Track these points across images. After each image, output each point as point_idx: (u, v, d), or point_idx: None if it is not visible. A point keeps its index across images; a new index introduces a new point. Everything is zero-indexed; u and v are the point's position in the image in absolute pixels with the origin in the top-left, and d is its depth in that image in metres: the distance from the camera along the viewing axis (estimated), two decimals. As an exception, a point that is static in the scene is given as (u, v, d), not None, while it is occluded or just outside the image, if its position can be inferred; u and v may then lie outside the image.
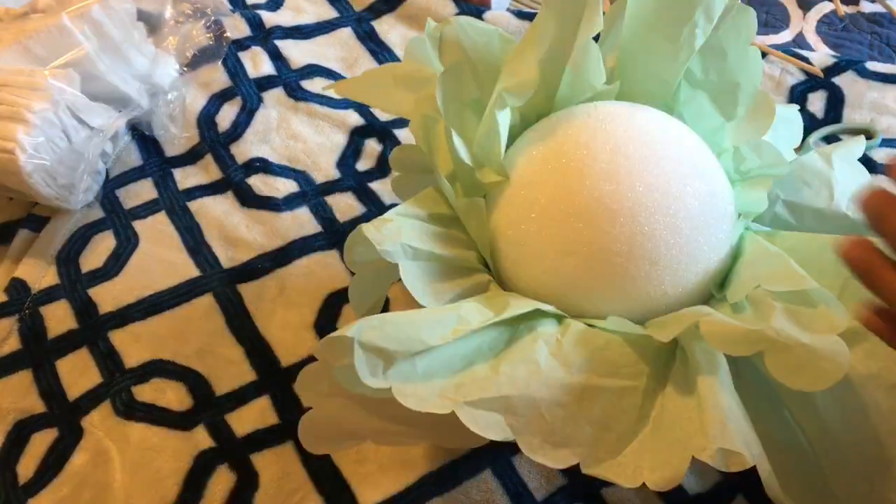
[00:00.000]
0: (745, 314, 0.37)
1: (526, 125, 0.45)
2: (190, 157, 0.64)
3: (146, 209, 0.60)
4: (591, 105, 0.44)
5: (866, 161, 0.60)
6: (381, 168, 0.63)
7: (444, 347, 0.35)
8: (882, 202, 0.27)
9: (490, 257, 0.42)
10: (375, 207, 0.60)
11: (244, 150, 0.64)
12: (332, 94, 0.54)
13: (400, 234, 0.38)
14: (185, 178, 0.62)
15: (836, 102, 0.64)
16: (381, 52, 0.71)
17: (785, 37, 0.73)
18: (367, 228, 0.38)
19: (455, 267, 0.41)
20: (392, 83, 0.46)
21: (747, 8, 0.43)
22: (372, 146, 0.64)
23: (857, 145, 0.48)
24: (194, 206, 0.60)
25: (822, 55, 0.68)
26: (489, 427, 0.33)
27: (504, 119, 0.41)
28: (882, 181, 0.36)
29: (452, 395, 0.34)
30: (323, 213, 0.60)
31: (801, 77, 0.66)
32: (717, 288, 0.41)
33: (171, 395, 0.50)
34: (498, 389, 0.34)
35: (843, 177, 0.45)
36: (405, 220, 0.40)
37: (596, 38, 0.45)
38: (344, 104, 0.67)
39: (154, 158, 0.64)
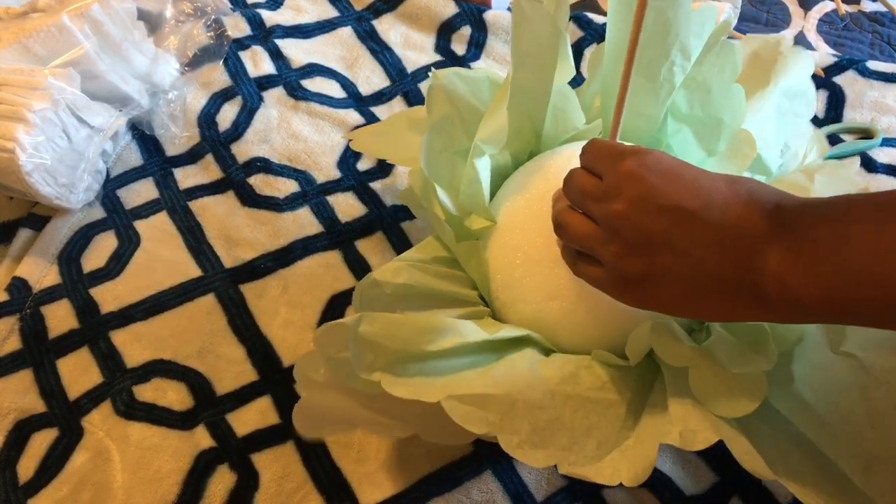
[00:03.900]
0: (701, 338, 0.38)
1: (518, 164, 0.47)
2: (190, 157, 0.64)
3: (147, 209, 0.60)
4: (572, 146, 0.45)
5: (867, 161, 0.60)
6: (382, 168, 0.63)
7: (435, 361, 0.36)
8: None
9: (487, 296, 0.44)
10: (376, 207, 0.60)
11: (245, 149, 0.64)
12: (349, 139, 0.58)
13: (405, 276, 0.40)
14: (186, 177, 0.62)
15: (836, 102, 0.64)
16: (381, 51, 0.71)
17: (786, 36, 0.73)
18: (377, 273, 0.40)
19: (455, 299, 0.42)
20: (406, 127, 0.48)
21: (732, 45, 0.44)
22: (372, 146, 0.64)
23: (846, 167, 0.49)
24: (195, 205, 0.60)
25: (822, 54, 0.68)
26: (472, 421, 0.34)
27: (484, 166, 0.42)
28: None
29: (440, 389, 0.34)
30: (324, 213, 0.60)
31: (801, 76, 0.66)
32: (697, 322, 0.42)
33: (172, 395, 0.50)
34: (483, 388, 0.35)
35: (822, 193, 0.45)
36: (409, 264, 0.42)
37: (583, 81, 0.49)
38: (344, 104, 0.67)
39: (155, 158, 0.63)
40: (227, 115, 0.66)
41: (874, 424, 0.35)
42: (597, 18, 0.72)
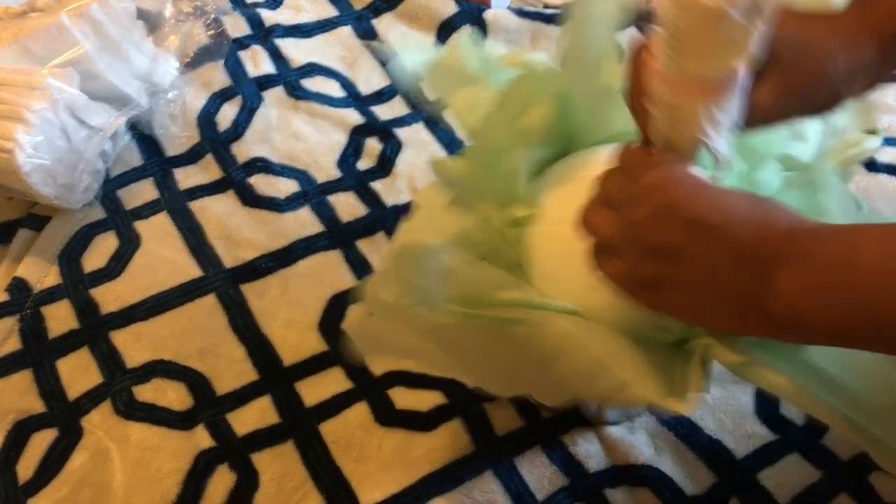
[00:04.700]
0: None
1: (559, 158, 0.46)
2: (190, 157, 0.63)
3: (148, 209, 0.60)
4: (615, 145, 0.45)
5: (867, 160, 0.60)
6: (383, 167, 0.62)
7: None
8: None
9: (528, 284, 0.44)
10: (377, 208, 0.60)
11: (245, 149, 0.64)
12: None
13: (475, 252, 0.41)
14: (186, 177, 0.62)
15: (837, 101, 0.64)
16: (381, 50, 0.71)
17: None
18: (471, 229, 0.41)
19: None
20: (458, 72, 0.48)
21: None
22: (373, 145, 0.64)
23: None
24: (196, 206, 0.60)
25: (823, 54, 0.68)
26: (545, 326, 0.35)
27: (523, 157, 0.42)
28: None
29: None
30: (325, 213, 0.59)
31: (802, 76, 0.66)
32: None
33: (172, 395, 0.50)
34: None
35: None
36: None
37: None
38: (344, 103, 0.67)
39: (154, 158, 0.63)
40: (227, 114, 0.66)
41: (883, 371, 0.36)
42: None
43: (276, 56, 0.70)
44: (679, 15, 0.30)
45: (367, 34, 0.73)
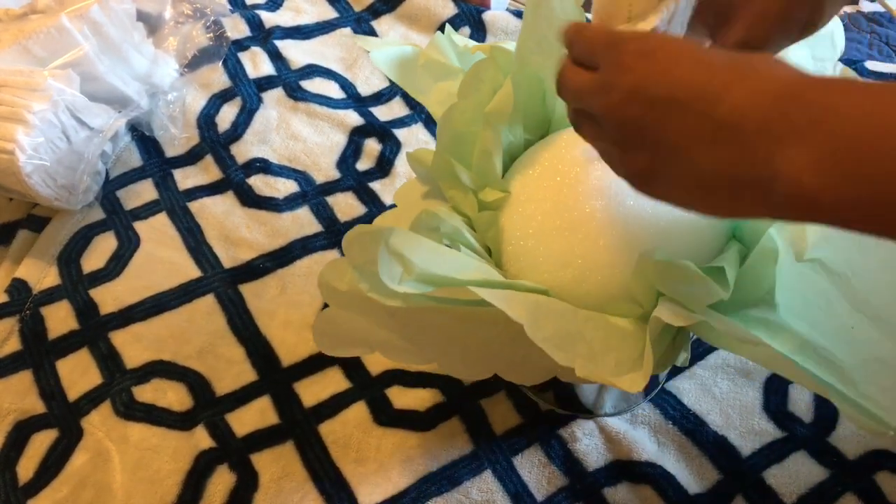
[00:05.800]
0: None
1: (529, 143, 0.47)
2: (190, 158, 0.64)
3: (147, 210, 0.60)
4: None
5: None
6: (382, 168, 0.63)
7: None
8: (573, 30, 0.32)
9: (499, 265, 0.44)
10: (376, 207, 0.60)
11: (244, 150, 0.64)
12: (365, 46, 0.54)
13: (456, 220, 0.41)
14: (186, 178, 0.62)
15: (836, 101, 0.64)
16: (380, 52, 0.72)
17: None
18: (436, 209, 0.40)
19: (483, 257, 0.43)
20: (418, 65, 0.48)
21: None
22: (372, 146, 0.64)
23: None
24: (195, 206, 0.60)
25: (822, 54, 0.68)
26: (503, 303, 0.33)
27: (492, 139, 0.42)
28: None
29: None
30: (323, 213, 0.60)
31: (801, 76, 0.66)
32: None
33: (172, 396, 0.50)
34: (506, 293, 0.35)
35: None
36: (457, 212, 0.42)
37: None
38: (344, 104, 0.67)
39: (154, 159, 0.64)
40: (227, 115, 0.66)
41: (853, 325, 0.36)
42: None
43: (276, 57, 0.71)
44: None
45: (367, 35, 0.73)
